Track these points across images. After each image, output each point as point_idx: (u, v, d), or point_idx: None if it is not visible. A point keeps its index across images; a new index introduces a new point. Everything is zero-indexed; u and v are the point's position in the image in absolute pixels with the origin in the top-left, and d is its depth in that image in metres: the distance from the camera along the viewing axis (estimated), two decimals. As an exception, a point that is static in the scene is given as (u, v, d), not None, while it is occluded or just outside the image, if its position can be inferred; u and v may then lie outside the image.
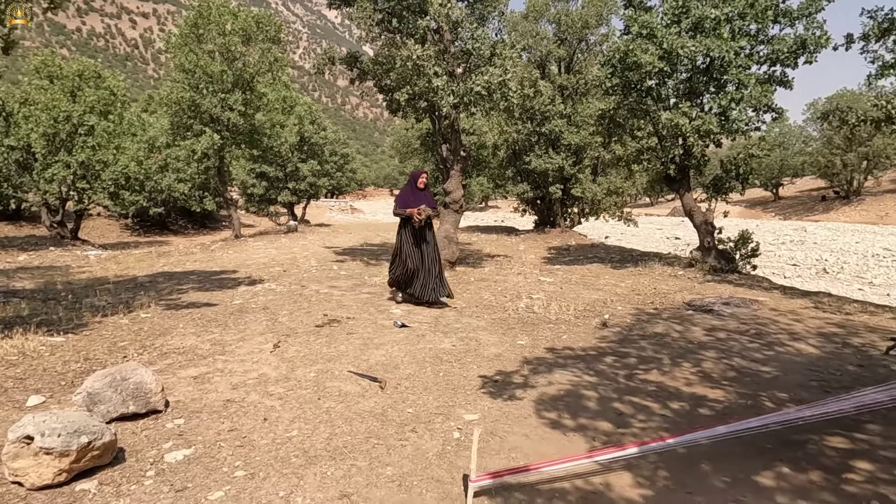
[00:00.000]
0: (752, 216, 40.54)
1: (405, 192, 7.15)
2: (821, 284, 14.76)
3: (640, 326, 6.14)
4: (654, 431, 3.51)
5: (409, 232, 7.02)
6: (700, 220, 9.53)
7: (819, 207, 38.62)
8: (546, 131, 16.04)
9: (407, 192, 7.12)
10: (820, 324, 6.26)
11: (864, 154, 35.36)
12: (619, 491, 2.84)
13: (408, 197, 7.04)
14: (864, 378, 4.47)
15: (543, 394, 4.13)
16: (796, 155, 44.32)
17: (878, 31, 6.96)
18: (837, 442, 3.38)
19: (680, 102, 8.96)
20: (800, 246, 22.47)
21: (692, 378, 4.51)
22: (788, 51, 8.77)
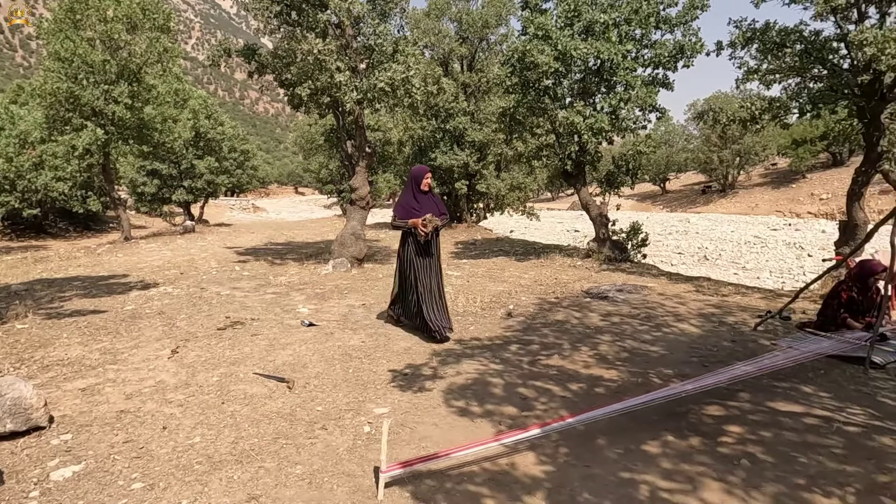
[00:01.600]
0: (642, 209, 43.36)
1: (406, 196, 5.56)
2: (702, 270, 16.13)
3: (542, 315, 6.44)
4: (556, 412, 3.71)
5: (412, 247, 5.50)
6: (595, 212, 10.11)
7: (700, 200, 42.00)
8: (450, 128, 16.31)
9: (408, 196, 5.52)
10: (700, 305, 6.86)
11: (736, 151, 38.84)
12: (524, 469, 2.99)
13: (410, 203, 5.47)
14: (737, 352, 4.97)
15: (452, 384, 4.24)
16: (680, 152, 47.89)
17: (743, 40, 7.73)
18: (714, 410, 3.74)
19: (575, 102, 9.44)
20: (684, 236, 24.36)
21: (590, 360, 4.81)
22: (669, 55, 9.49)
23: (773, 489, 2.77)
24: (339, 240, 9.47)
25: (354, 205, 9.55)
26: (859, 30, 6.47)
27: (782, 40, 7.50)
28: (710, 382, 3.99)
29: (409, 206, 5.46)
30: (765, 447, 3.21)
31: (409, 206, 5.46)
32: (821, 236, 21.50)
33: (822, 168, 36.19)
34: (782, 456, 3.10)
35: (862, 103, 7.19)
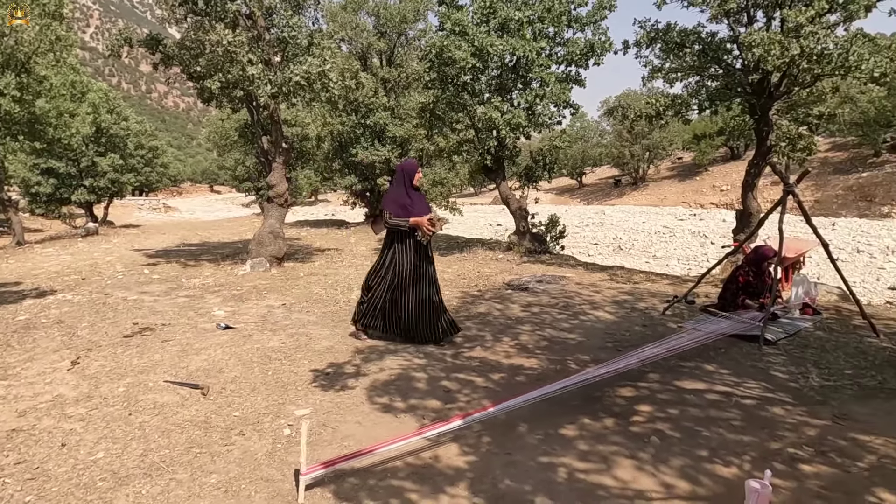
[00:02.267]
0: (561, 202, 44.84)
1: (397, 192, 5.03)
2: (617, 259, 16.92)
3: (465, 308, 6.51)
4: (478, 403, 3.77)
5: (407, 250, 4.97)
6: (515, 206, 10.34)
7: (615, 193, 43.97)
8: (371, 123, 16.14)
9: (399, 192, 5.00)
10: (614, 293, 7.18)
11: (646, 146, 41.00)
12: (447, 461, 3.01)
13: (402, 199, 4.95)
14: (648, 336, 5.24)
15: (375, 380, 4.21)
16: (595, 147, 49.88)
17: (647, 40, 8.14)
18: (627, 392, 3.93)
19: (492, 97, 9.59)
20: (600, 227, 25.41)
21: (511, 351, 4.92)
22: (580, 53, 9.83)
23: (680, 462, 2.94)
24: (257, 239, 9.16)
25: (272, 202, 9.26)
26: (748, 32, 6.98)
27: (682, 40, 7.97)
28: (622, 366, 4.19)
29: (402, 203, 4.94)
30: (672, 424, 3.41)
31: (402, 203, 4.94)
32: (722, 225, 23.05)
33: (723, 161, 38.81)
34: (688, 431, 3.30)
35: (753, 101, 7.77)
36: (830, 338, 5.22)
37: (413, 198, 5.00)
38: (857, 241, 18.91)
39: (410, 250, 4.97)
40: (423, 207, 5.01)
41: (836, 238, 19.49)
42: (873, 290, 12.77)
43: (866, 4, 6.64)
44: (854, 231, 21.29)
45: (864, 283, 13.14)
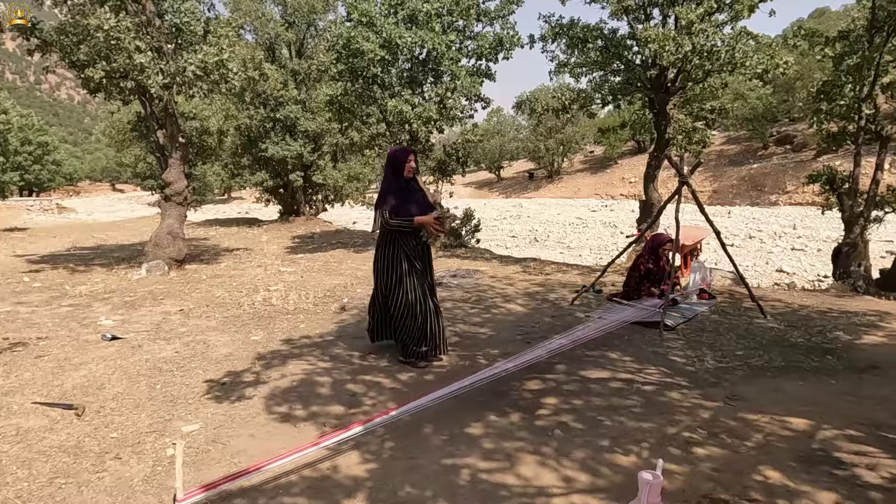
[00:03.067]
0: (480, 196, 45.43)
1: (390, 184, 4.33)
2: (533, 251, 17.27)
3: (377, 306, 6.34)
4: (384, 405, 3.63)
5: (407, 252, 4.33)
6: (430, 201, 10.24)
7: (531, 186, 45.09)
8: (281, 117, 15.56)
9: (392, 185, 4.32)
10: (527, 285, 7.25)
11: (560, 140, 42.29)
12: (346, 471, 2.85)
13: (397, 193, 4.29)
14: (556, 327, 5.30)
15: (276, 388, 3.97)
16: (511, 141, 50.85)
17: (552, 34, 8.27)
18: (533, 385, 3.92)
19: (403, 90, 9.43)
20: (517, 220, 25.94)
21: (421, 348, 4.80)
22: (490, 47, 9.87)
23: (581, 454, 2.94)
24: (154, 240, 8.54)
25: (170, 201, 8.66)
26: (644, 28, 7.25)
27: (585, 36, 8.16)
28: (530, 358, 4.19)
29: (399, 198, 4.28)
30: (576, 415, 3.42)
31: (399, 198, 4.28)
32: (631, 215, 24.15)
33: (631, 154, 40.69)
34: (590, 421, 3.32)
35: (652, 95, 8.09)
36: (724, 321, 5.49)
37: (408, 190, 4.33)
38: (750, 227, 20.37)
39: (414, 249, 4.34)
40: (422, 201, 4.36)
41: (731, 225, 20.91)
42: (763, 272, 13.76)
43: (750, 5, 7.05)
44: (747, 218, 22.93)
45: (755, 267, 14.14)
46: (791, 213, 23.36)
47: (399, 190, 4.31)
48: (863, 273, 7.87)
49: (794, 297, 6.74)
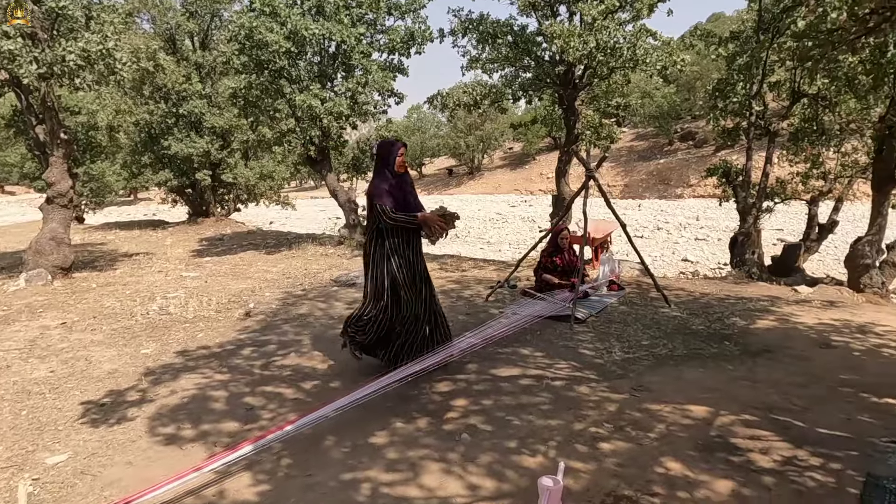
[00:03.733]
0: (403, 193, 45.19)
1: (383, 181, 3.92)
2: (454, 247, 17.27)
3: (285, 310, 6.03)
4: (284, 418, 3.39)
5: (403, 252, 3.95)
6: (344, 198, 9.96)
7: (453, 182, 45.35)
8: (185, 112, 14.65)
9: (385, 181, 3.93)
10: (443, 283, 7.15)
11: (480, 137, 42.78)
12: (234, 496, 2.61)
13: (393, 190, 3.92)
14: (470, 324, 5.22)
15: (163, 406, 3.62)
16: (432, 138, 50.95)
17: (462, 29, 8.21)
18: (444, 386, 3.80)
19: (312, 84, 9.07)
20: (439, 216, 25.90)
21: (328, 354, 4.58)
22: (401, 41, 9.69)
23: (488, 458, 2.84)
24: (35, 247, 7.73)
25: (53, 203, 7.87)
26: (550, 23, 7.33)
27: (495, 31, 8.16)
28: (441, 359, 4.07)
29: (395, 195, 3.91)
30: (485, 416, 3.33)
31: (395, 195, 3.91)
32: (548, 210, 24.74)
33: (548, 151, 41.75)
34: (499, 422, 3.24)
35: (561, 91, 8.21)
36: (631, 311, 5.62)
37: (401, 186, 3.97)
38: (658, 219, 21.39)
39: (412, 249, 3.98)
40: (412, 195, 4.05)
41: (641, 217, 21.88)
42: (670, 262, 14.45)
43: (650, 4, 7.29)
44: (655, 211, 24.09)
45: (663, 257, 14.82)
46: (695, 206, 24.75)
47: (393, 185, 3.92)
48: (756, 260, 8.37)
49: (697, 285, 7.04)
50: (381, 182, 3.94)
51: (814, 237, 8.66)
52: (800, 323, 5.15)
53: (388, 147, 4.02)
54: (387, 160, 3.95)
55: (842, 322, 5.15)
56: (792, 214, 17.64)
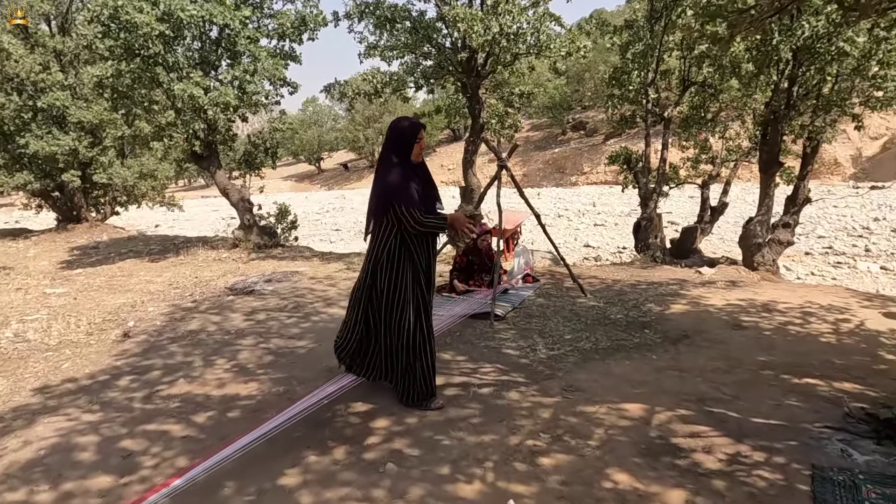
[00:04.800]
0: (301, 189, 43.61)
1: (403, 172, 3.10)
2: (359, 244, 16.72)
3: (172, 327, 5.31)
4: (170, 465, 2.83)
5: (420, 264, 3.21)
6: (237, 197, 9.15)
7: (354, 176, 44.33)
8: (45, 106, 12.91)
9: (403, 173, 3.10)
10: (350, 284, 6.65)
11: (379, 129, 42.07)
12: (105, 581, 2.07)
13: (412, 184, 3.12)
14: (384, 329, 4.82)
15: (11, 464, 2.93)
16: (330, 131, 49.49)
17: (357, 12, 7.72)
18: (360, 406, 3.38)
19: (193, 72, 8.19)
20: (341, 212, 25.17)
21: (225, 377, 4.01)
22: (292, 26, 9.01)
23: (419, 491, 2.48)
24: None
25: None
26: (452, 6, 7.04)
27: (393, 16, 7.74)
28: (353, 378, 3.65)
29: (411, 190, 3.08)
30: (411, 437, 2.96)
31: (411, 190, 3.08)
32: (452, 202, 24.70)
33: (448, 142, 41.91)
34: (427, 443, 2.89)
35: (464, 79, 7.96)
36: (549, 303, 5.48)
37: (422, 180, 3.18)
38: (558, 207, 22.01)
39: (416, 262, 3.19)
40: (433, 190, 3.27)
41: (541, 206, 22.39)
42: (573, 248, 14.80)
43: (550, -11, 7.19)
44: (554, 199, 24.79)
45: (566, 244, 15.16)
46: (590, 192, 25.75)
47: (411, 178, 3.10)
48: (659, 244, 8.64)
49: (608, 272, 7.08)
50: (399, 176, 3.06)
51: (707, 219, 9.07)
52: (710, 305, 5.25)
53: (405, 129, 3.11)
54: (403, 146, 3.10)
55: (747, 302, 5.30)
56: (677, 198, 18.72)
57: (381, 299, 3.24)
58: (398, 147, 3.12)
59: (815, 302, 5.22)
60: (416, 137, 3.13)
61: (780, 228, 7.75)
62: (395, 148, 3.12)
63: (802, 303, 5.22)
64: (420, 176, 3.19)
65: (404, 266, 3.17)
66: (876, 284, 10.09)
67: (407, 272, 3.17)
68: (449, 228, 3.19)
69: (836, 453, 2.55)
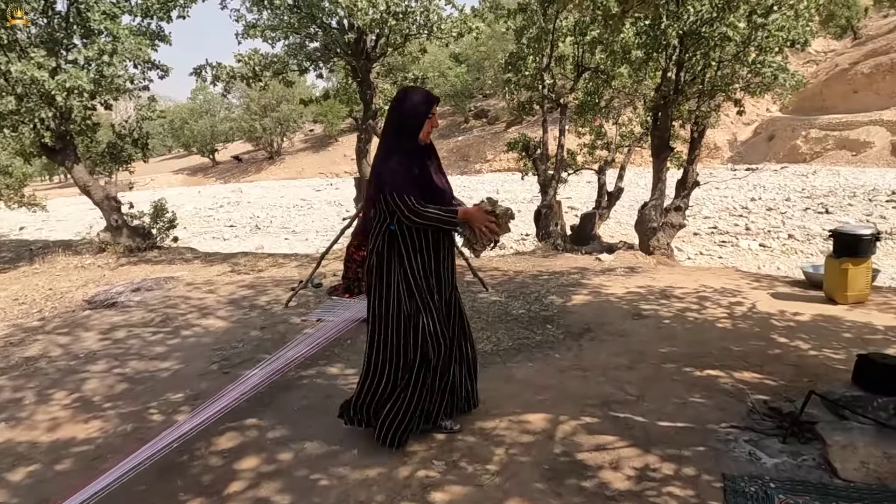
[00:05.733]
0: (195, 183, 40.91)
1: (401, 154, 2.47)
2: (255, 240, 15.71)
3: (5, 354, 4.46)
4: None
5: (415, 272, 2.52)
6: (100, 196, 8.08)
7: (252, 169, 42.12)
8: None
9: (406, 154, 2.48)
10: (233, 289, 6.03)
11: (276, 119, 40.12)
12: None
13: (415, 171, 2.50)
14: (265, 343, 4.30)
15: None
16: (223, 121, 46.64)
17: (230, -14, 6.96)
18: (226, 441, 2.87)
19: (35, 51, 7.06)
20: (236, 206, 23.68)
21: (62, 415, 3.32)
22: (159, 2, 8.03)
23: (285, 555, 2.04)
24: None
25: None
26: (333, -20, 6.49)
27: (271, -9, 7.05)
28: (222, 406, 3.12)
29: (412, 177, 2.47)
30: (282, 480, 2.50)
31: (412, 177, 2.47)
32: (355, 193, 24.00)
33: (351, 131, 40.76)
34: (301, 487, 2.44)
35: (353, 63, 7.43)
36: (450, 301, 5.15)
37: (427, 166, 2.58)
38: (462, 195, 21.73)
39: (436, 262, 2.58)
40: (443, 177, 2.69)
41: (447, 195, 22.25)
42: (479, 237, 14.68)
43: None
44: (459, 186, 24.70)
45: (471, 233, 15.02)
46: (494, 179, 25.95)
47: (415, 163, 2.50)
48: (560, 231, 8.61)
49: (509, 262, 6.88)
50: (397, 158, 2.46)
51: (605, 205, 9.17)
52: (611, 294, 5.15)
53: (416, 104, 2.52)
54: (409, 122, 2.50)
55: (646, 289, 5.25)
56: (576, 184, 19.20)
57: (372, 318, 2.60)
58: (405, 124, 2.50)
59: (709, 286, 5.26)
60: (428, 114, 2.52)
61: (672, 212, 7.93)
62: (401, 124, 2.50)
63: (697, 287, 5.24)
64: (427, 160, 2.57)
65: (394, 275, 2.51)
66: (757, 261, 10.71)
67: (397, 283, 2.50)
68: (462, 226, 2.49)
69: (744, 457, 2.38)
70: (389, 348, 2.57)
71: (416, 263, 2.51)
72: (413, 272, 2.51)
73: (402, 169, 2.44)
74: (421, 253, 2.51)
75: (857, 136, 22.42)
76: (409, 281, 2.51)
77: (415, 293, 2.51)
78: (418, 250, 2.51)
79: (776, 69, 6.91)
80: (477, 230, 2.46)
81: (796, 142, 23.95)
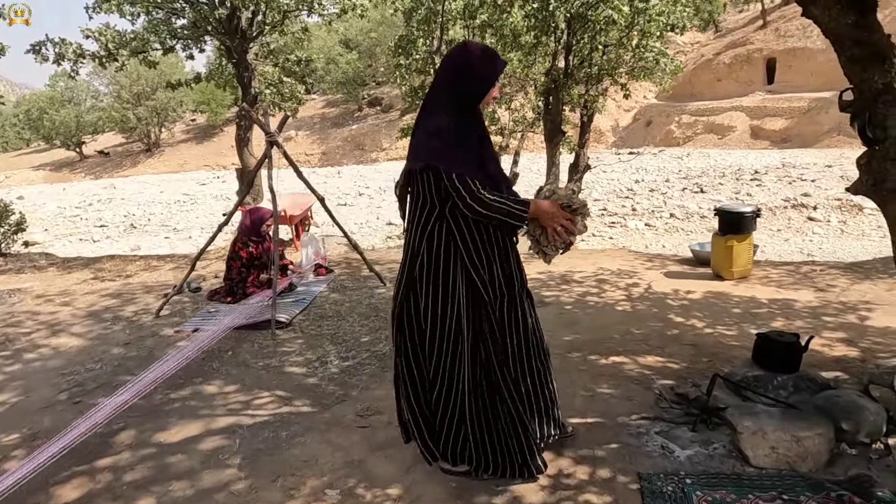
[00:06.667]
0: (60, 179, 36.86)
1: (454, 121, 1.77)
2: (130, 240, 14.28)
3: None
4: None
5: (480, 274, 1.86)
6: None
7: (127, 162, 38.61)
8: None
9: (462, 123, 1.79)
10: (94, 300, 5.27)
11: (153, 108, 36.97)
12: None
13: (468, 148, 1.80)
14: (128, 362, 3.74)
15: None
16: (91, 111, 42.33)
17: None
18: (71, 490, 2.36)
19: None
20: (108, 204, 21.56)
21: None
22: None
23: None
24: None
25: None
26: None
27: (125, -41, 6.20)
28: (66, 443, 2.59)
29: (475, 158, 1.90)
30: (140, 534, 2.07)
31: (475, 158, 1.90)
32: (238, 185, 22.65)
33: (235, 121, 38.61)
34: (163, 541, 2.02)
35: (227, 42, 6.76)
36: (345, 298, 4.81)
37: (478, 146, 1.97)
38: (359, 185, 21.35)
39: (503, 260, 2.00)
40: (499, 172, 2.05)
41: (342, 185, 21.58)
42: (376, 228, 14.30)
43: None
44: (355, 176, 24.13)
45: (369, 223, 14.59)
46: (390, 169, 25.48)
47: (471, 137, 1.95)
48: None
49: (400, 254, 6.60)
50: (451, 129, 1.89)
51: (501, 190, 9.12)
52: (512, 282, 5.02)
53: (477, 60, 1.94)
54: (474, 88, 1.95)
55: (546, 275, 5.19)
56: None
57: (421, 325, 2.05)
58: (465, 88, 1.93)
59: (607, 268, 5.30)
60: (496, 79, 1.99)
61: (563, 195, 8.00)
62: (458, 89, 1.93)
63: (595, 270, 5.26)
64: (481, 140, 2.02)
65: (454, 272, 1.97)
66: (644, 240, 11.22)
67: (458, 284, 1.97)
68: (532, 224, 2.00)
69: (657, 452, 2.27)
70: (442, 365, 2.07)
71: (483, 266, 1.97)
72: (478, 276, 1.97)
73: (461, 146, 1.91)
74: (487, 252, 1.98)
75: (721, 121, 24.37)
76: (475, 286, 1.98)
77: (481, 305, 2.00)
78: (485, 250, 1.97)
79: (657, 54, 7.14)
80: (549, 229, 1.99)
81: (670, 127, 25.64)
